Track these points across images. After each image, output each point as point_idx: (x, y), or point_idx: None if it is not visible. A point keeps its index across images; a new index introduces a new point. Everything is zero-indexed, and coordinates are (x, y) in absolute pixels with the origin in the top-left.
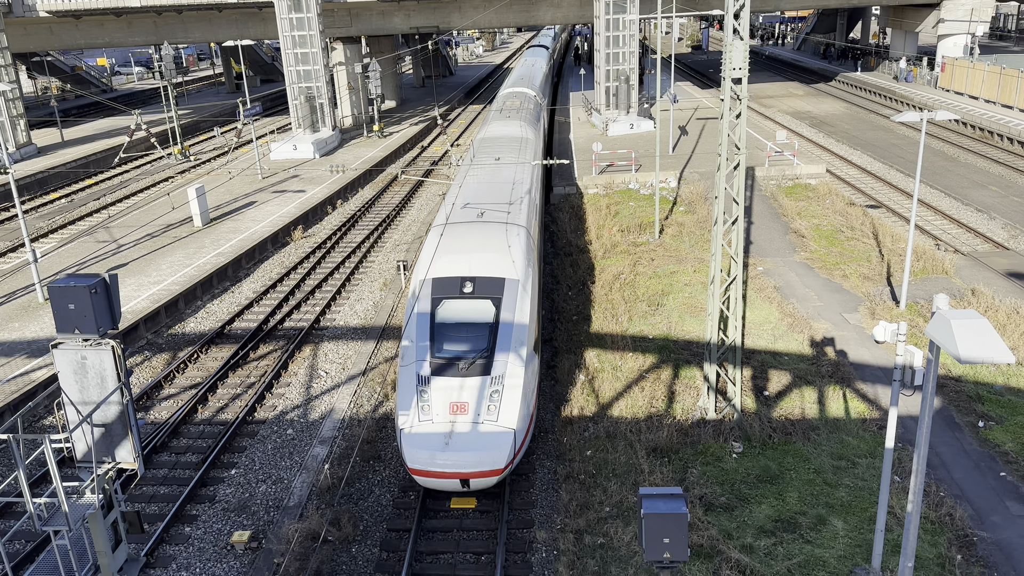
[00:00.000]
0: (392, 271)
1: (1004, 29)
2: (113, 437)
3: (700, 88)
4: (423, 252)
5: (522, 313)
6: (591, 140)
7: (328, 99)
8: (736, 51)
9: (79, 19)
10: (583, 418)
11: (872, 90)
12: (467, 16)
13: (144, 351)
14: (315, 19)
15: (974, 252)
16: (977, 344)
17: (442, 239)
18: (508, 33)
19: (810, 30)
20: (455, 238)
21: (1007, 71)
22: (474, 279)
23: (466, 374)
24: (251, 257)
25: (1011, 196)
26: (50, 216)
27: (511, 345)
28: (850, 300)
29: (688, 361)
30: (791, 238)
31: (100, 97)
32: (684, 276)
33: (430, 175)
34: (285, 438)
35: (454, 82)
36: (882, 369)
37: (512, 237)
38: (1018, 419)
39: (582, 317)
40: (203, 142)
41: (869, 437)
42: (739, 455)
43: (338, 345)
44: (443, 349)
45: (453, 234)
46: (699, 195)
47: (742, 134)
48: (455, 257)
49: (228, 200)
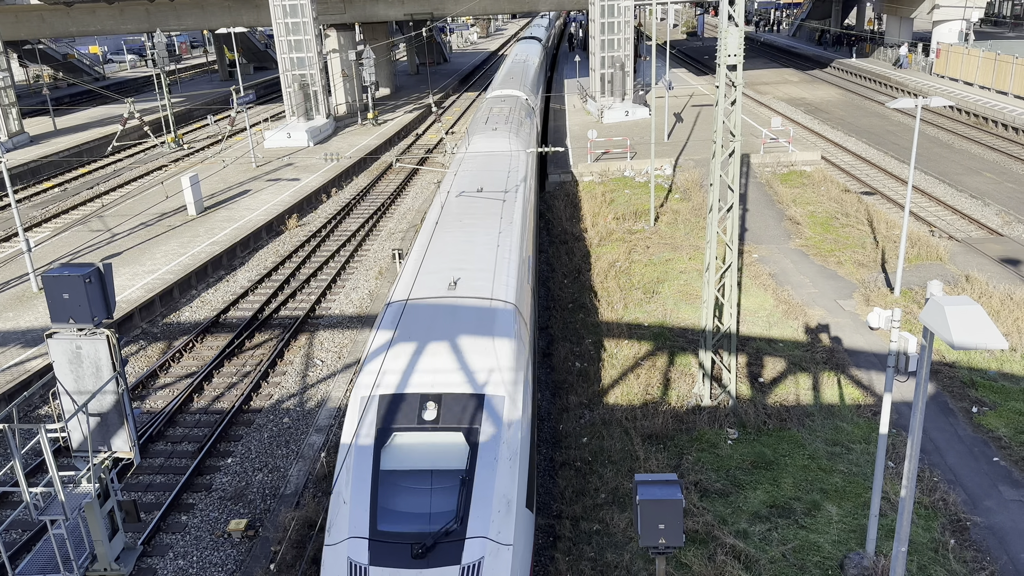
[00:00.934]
0: (387, 259)
1: (999, 15)
2: (109, 426)
3: (695, 75)
4: (370, 343)
5: (510, 452)
6: (586, 127)
7: (322, 87)
8: (731, 37)
9: (71, 7)
10: (579, 405)
11: (867, 76)
12: (461, 3)
13: (139, 340)
14: (308, 6)
15: (968, 238)
16: (971, 330)
17: (399, 326)
18: (503, 20)
19: (805, 16)
20: (416, 325)
21: (1002, 57)
22: (440, 398)
23: (424, 564)
24: (246, 246)
25: (1005, 182)
26: (44, 205)
27: (492, 511)
28: (845, 287)
29: (683, 348)
30: (786, 225)
31: (93, 85)
32: (679, 264)
33: (425, 163)
34: (281, 427)
35: (449, 69)
36: (876, 355)
37: (499, 323)
38: (1011, 404)
39: (577, 305)
40: (197, 130)
41: (863, 423)
42: (734, 441)
43: (334, 334)
44: (389, 519)
45: (414, 319)
46: (694, 182)
47: (737, 121)
48: (415, 359)
49: (222, 189)
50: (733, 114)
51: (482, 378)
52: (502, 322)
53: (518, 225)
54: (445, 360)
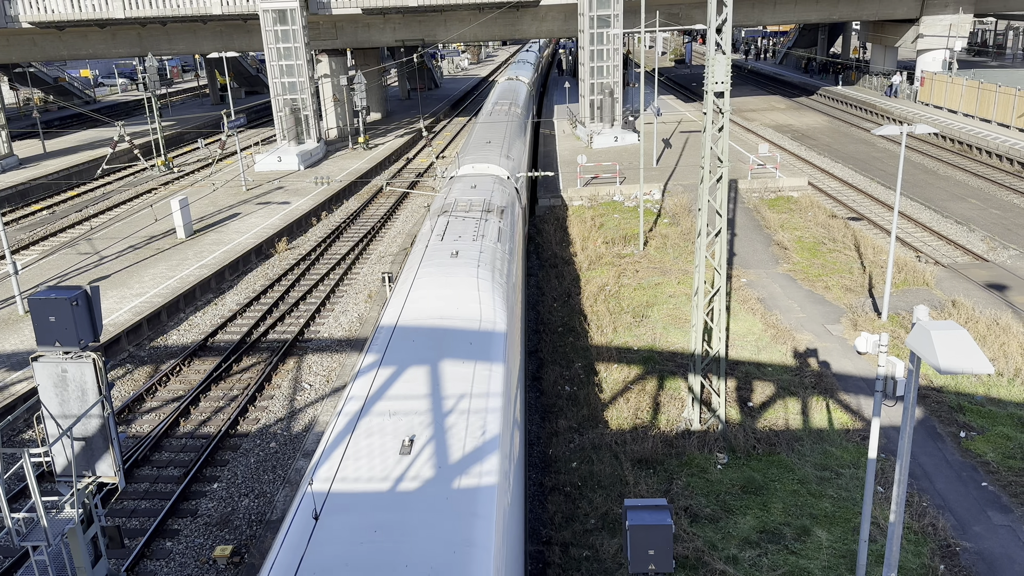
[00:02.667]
0: (377, 283)
1: (982, 44)
2: (94, 451)
3: (683, 101)
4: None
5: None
6: (576, 152)
7: (313, 111)
8: (718, 65)
9: (62, 30)
10: (569, 429)
11: (853, 104)
12: (452, 29)
13: (126, 364)
14: (300, 31)
15: (954, 264)
16: (957, 355)
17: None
18: (493, 46)
19: (792, 45)
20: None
21: (985, 86)
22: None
23: None
24: (235, 269)
25: (990, 208)
26: (31, 228)
27: None
28: (832, 311)
29: (673, 372)
30: (774, 250)
31: (83, 109)
32: (668, 288)
33: (415, 186)
34: (268, 451)
35: (439, 95)
36: (864, 380)
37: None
38: (999, 429)
39: (567, 328)
40: (187, 154)
41: (852, 448)
42: (724, 466)
43: (322, 357)
44: None
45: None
46: (683, 207)
47: (725, 147)
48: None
49: (212, 212)
50: (721, 140)
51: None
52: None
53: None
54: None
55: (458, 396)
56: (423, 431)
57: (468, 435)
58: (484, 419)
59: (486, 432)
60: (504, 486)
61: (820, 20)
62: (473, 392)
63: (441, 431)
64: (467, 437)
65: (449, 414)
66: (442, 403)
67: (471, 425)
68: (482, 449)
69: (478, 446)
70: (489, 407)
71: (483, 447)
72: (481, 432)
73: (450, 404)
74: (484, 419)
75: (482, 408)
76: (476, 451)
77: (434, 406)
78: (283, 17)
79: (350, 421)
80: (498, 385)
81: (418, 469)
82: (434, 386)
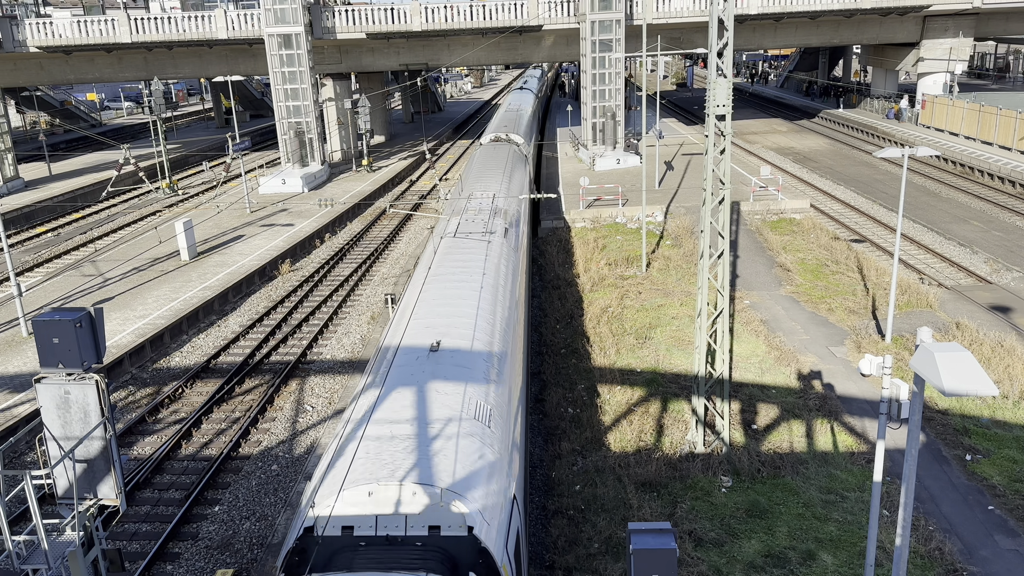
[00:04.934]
0: (380, 304)
1: (982, 68)
2: (95, 473)
3: (685, 124)
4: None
5: None
6: (578, 175)
7: (317, 134)
8: (720, 88)
9: (69, 55)
10: (572, 452)
11: (855, 126)
12: (456, 54)
13: (128, 386)
14: (305, 56)
15: (957, 286)
16: (961, 377)
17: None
18: (496, 71)
19: (793, 68)
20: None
21: (986, 109)
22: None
23: None
24: (238, 291)
25: (992, 231)
26: (36, 250)
27: None
28: (836, 333)
29: (676, 394)
30: (777, 272)
31: (89, 132)
32: (671, 309)
33: (419, 209)
34: (270, 474)
35: (443, 118)
36: (869, 402)
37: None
38: (1005, 452)
39: (570, 350)
40: (192, 176)
41: (857, 471)
42: (728, 489)
43: (324, 379)
44: None
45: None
46: (685, 229)
47: (727, 169)
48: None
49: (216, 234)
50: (722, 162)
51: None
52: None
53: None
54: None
55: (459, 419)
56: (422, 454)
57: (467, 458)
58: (484, 442)
59: (484, 455)
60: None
61: (821, 44)
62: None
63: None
64: (466, 460)
65: (449, 437)
66: (442, 426)
67: (470, 448)
68: (480, 472)
69: (476, 469)
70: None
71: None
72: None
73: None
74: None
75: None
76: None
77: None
78: (288, 42)
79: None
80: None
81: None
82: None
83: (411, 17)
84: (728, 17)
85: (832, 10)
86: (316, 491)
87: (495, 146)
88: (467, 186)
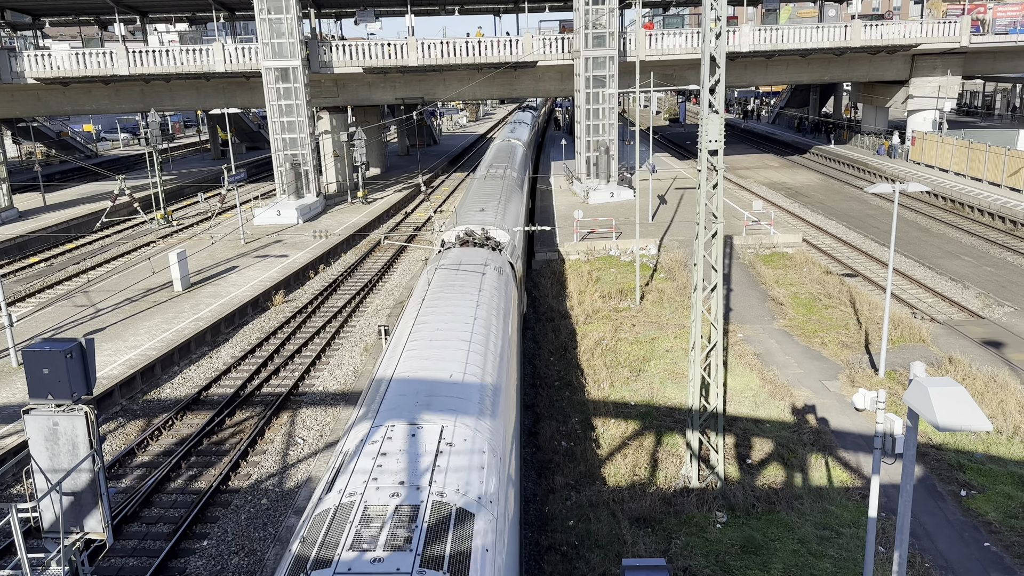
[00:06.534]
0: (374, 336)
1: (971, 105)
2: (82, 506)
3: (678, 159)
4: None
5: None
6: (572, 208)
7: (313, 166)
8: (712, 124)
9: (67, 86)
10: (565, 486)
11: (845, 162)
12: (451, 88)
13: (118, 417)
14: (302, 89)
15: (950, 320)
16: (955, 412)
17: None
18: (491, 104)
19: (784, 104)
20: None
21: (975, 146)
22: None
23: None
24: (230, 322)
25: (983, 266)
26: (28, 280)
27: None
28: (829, 367)
29: (670, 428)
30: (770, 305)
31: (85, 162)
32: (665, 342)
33: (412, 240)
34: (259, 508)
35: (438, 151)
36: (863, 437)
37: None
38: (1000, 488)
39: (564, 383)
40: (187, 207)
41: (853, 506)
42: (723, 525)
43: (316, 411)
44: None
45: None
46: (679, 262)
47: (719, 203)
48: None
49: (210, 265)
50: (715, 197)
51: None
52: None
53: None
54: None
55: (449, 453)
56: (412, 490)
57: (458, 493)
58: (472, 475)
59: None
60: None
61: (811, 81)
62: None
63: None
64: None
65: (440, 471)
66: (434, 459)
67: (460, 482)
68: (471, 508)
69: (467, 503)
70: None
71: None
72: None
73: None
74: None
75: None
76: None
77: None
78: (285, 75)
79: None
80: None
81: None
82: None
83: (408, 52)
84: (720, 55)
85: (822, 48)
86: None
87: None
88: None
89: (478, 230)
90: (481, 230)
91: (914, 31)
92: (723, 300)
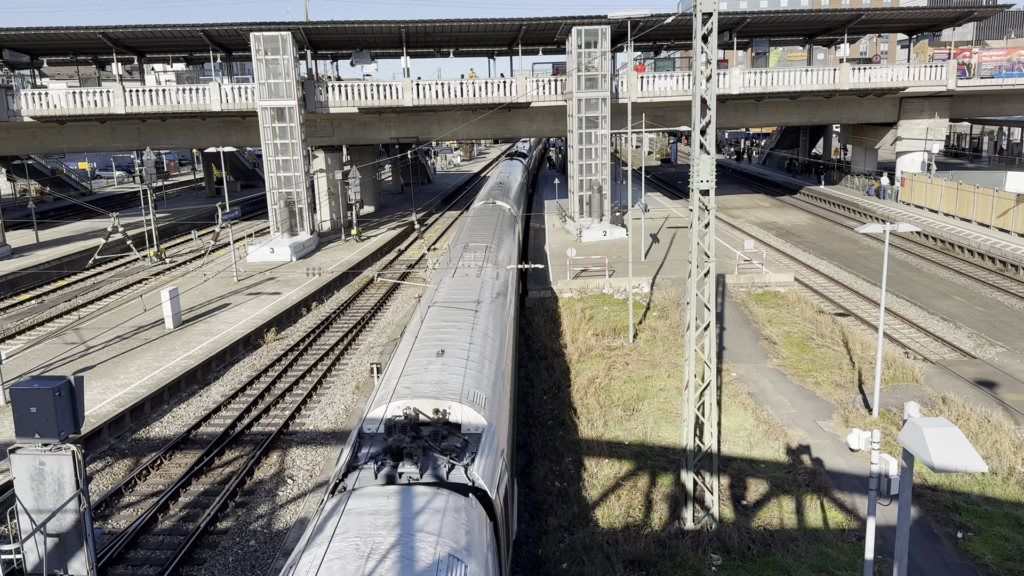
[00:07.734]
0: (366, 374)
1: (958, 147)
2: (67, 547)
3: (670, 199)
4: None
5: None
6: (565, 246)
7: (308, 204)
8: (704, 164)
9: (63, 124)
10: (559, 528)
11: (836, 202)
12: (446, 128)
13: (106, 456)
14: (298, 129)
15: (942, 360)
16: (950, 453)
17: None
18: (485, 144)
19: (775, 146)
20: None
21: (963, 187)
22: None
23: None
24: (222, 360)
25: (975, 306)
26: (18, 317)
27: None
28: (823, 407)
29: (664, 468)
30: (763, 344)
31: (79, 200)
32: (659, 381)
33: (406, 278)
34: (247, 550)
35: (432, 189)
36: (858, 477)
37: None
38: (996, 530)
39: (557, 422)
40: (180, 245)
41: (849, 548)
42: (718, 568)
43: (306, 450)
44: None
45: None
46: (671, 301)
47: (711, 242)
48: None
49: (202, 302)
50: (707, 236)
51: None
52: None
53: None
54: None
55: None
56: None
57: (453, 534)
58: (469, 516)
59: (471, 531)
60: None
61: (801, 123)
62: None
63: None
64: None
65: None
66: (425, 501)
67: (455, 524)
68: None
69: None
70: (471, 505)
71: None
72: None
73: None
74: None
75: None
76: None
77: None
78: (281, 115)
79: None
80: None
81: None
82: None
83: (403, 93)
84: (711, 97)
85: (811, 91)
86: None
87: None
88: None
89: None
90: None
91: (901, 75)
92: (716, 339)
